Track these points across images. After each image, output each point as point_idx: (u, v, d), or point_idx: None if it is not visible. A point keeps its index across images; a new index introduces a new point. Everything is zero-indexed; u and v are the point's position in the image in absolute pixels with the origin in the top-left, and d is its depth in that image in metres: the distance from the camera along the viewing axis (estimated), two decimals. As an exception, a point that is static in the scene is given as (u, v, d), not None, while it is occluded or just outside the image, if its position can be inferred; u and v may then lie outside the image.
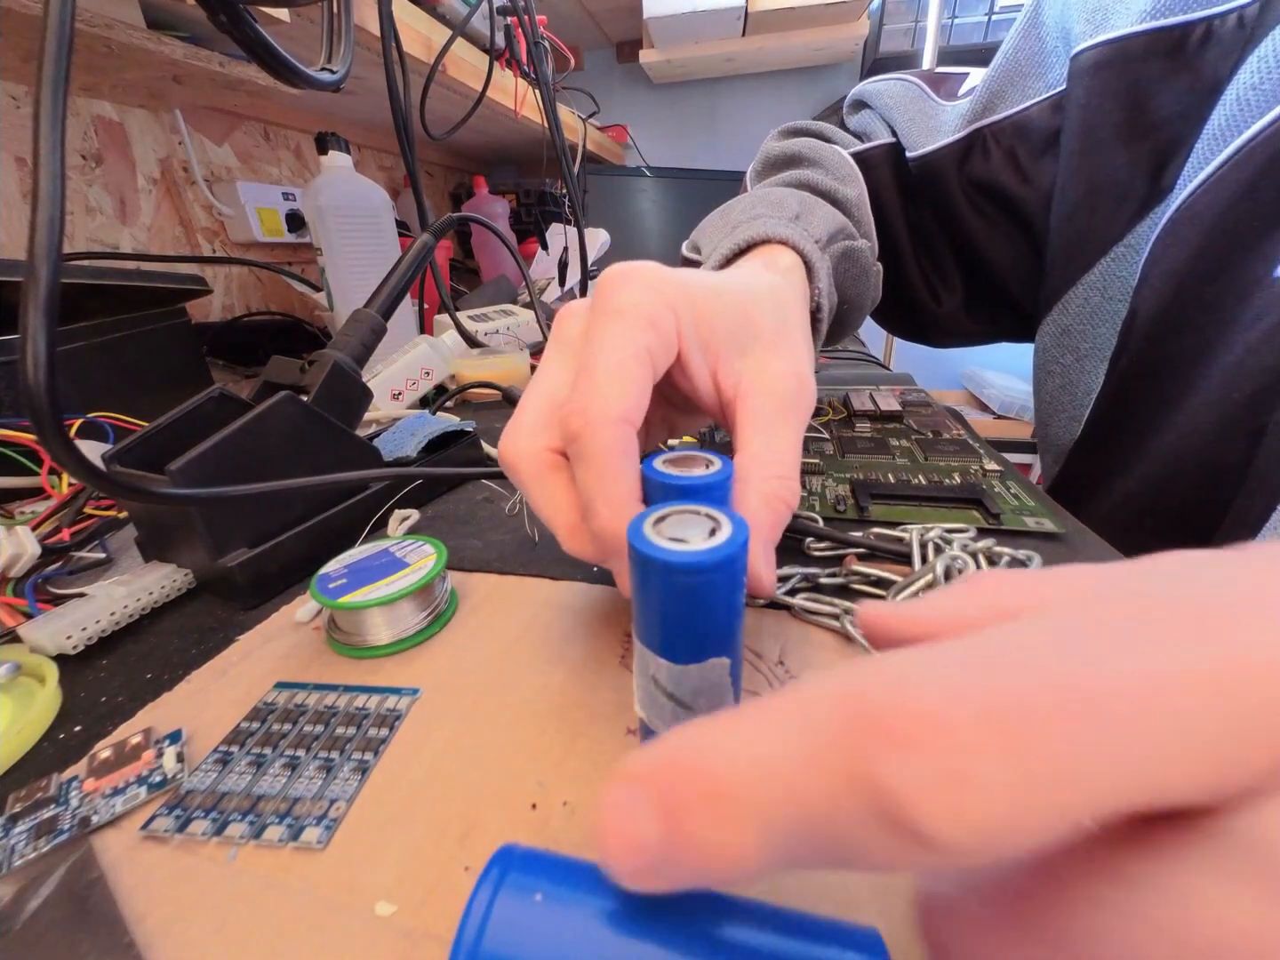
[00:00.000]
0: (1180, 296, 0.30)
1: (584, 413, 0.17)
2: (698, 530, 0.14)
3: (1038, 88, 0.36)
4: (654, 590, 0.13)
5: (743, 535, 0.13)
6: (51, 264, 0.16)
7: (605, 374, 0.17)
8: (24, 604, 0.23)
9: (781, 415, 0.20)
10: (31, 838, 0.15)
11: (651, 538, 0.13)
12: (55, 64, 0.16)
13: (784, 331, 0.22)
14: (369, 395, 0.32)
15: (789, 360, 0.21)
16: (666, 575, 0.13)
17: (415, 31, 0.60)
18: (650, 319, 0.18)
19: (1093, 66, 0.32)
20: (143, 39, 0.43)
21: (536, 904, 0.10)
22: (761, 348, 0.21)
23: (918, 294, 0.44)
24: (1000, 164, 0.37)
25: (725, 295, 0.21)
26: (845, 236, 0.33)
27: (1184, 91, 0.29)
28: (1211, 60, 0.28)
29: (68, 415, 0.32)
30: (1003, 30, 1.23)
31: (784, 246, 0.28)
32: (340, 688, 0.20)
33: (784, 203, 0.31)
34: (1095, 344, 0.36)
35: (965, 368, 1.75)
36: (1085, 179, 0.33)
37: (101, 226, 0.59)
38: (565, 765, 0.17)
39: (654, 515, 0.14)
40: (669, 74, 1.44)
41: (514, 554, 0.27)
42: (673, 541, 0.13)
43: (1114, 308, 0.34)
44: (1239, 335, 0.28)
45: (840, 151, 0.39)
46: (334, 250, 0.56)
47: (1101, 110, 0.32)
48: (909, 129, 0.40)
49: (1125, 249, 0.33)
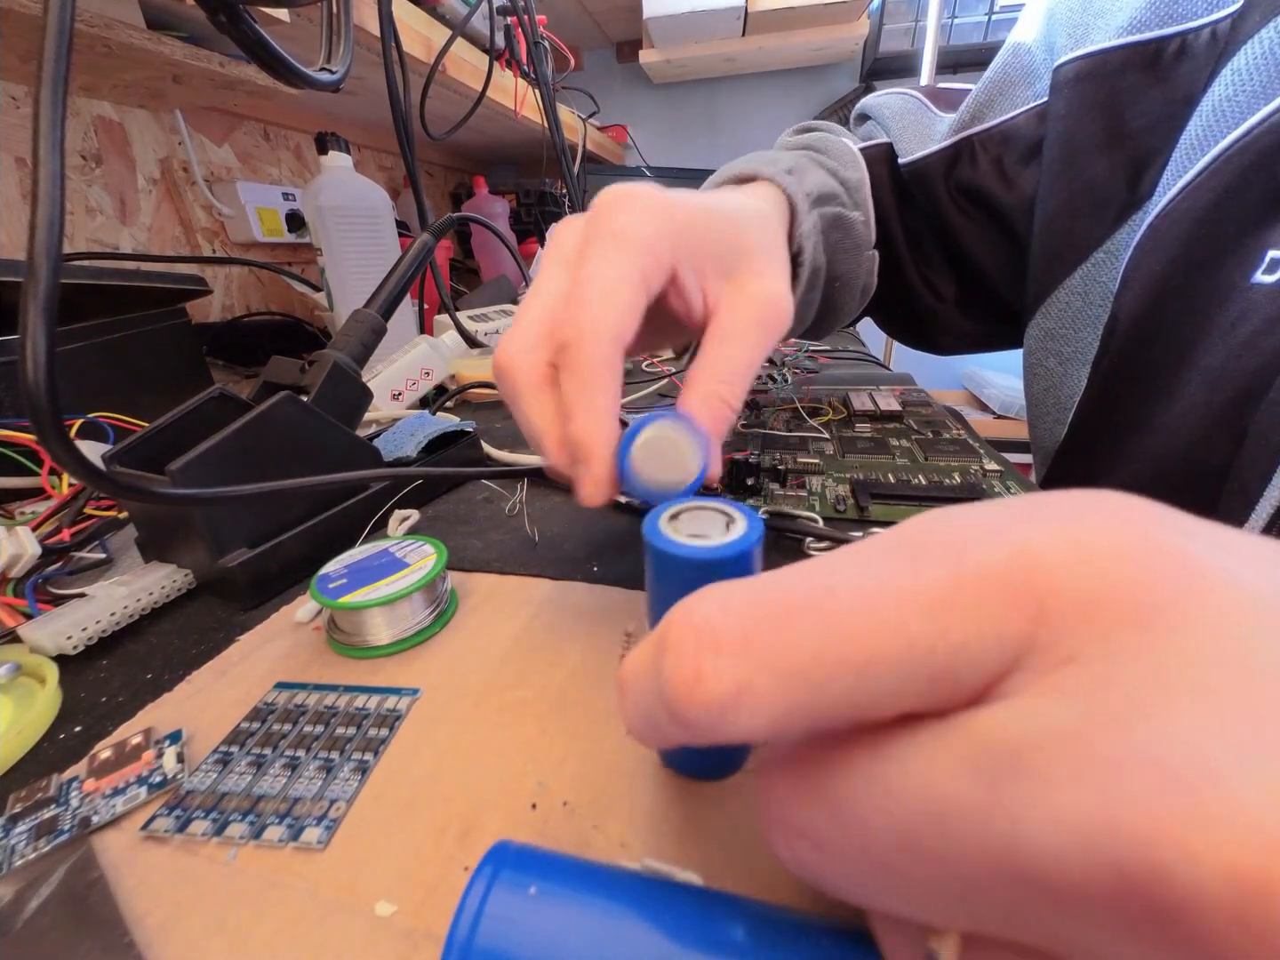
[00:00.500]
0: (1160, 301, 0.30)
1: (577, 325, 0.18)
2: (713, 525, 0.14)
3: (1025, 97, 0.37)
4: (677, 585, 0.13)
5: (759, 525, 0.14)
6: (51, 264, 0.16)
7: (600, 293, 0.18)
8: (24, 604, 0.23)
9: (745, 331, 0.21)
10: (32, 838, 0.15)
11: (671, 535, 0.14)
12: (55, 64, 0.16)
13: (765, 253, 0.23)
14: (369, 395, 0.32)
15: (768, 279, 0.22)
16: (694, 571, 0.13)
17: (415, 31, 0.60)
18: (647, 243, 0.19)
19: (1073, 78, 0.33)
20: (142, 39, 0.43)
21: (530, 899, 0.10)
22: (747, 270, 0.22)
23: (916, 291, 0.45)
24: (986, 171, 0.38)
25: (717, 216, 0.22)
26: (838, 203, 0.34)
27: (1160, 102, 0.30)
28: (1186, 73, 0.29)
29: (68, 415, 0.32)
30: (1003, 30, 1.23)
31: (771, 184, 0.30)
32: (340, 688, 0.20)
33: (779, 159, 0.33)
34: (1078, 348, 0.36)
35: (965, 368, 1.75)
36: (1065, 186, 0.34)
37: (101, 226, 0.59)
38: (565, 765, 0.17)
39: (667, 512, 0.15)
40: (669, 74, 1.44)
41: (514, 554, 0.27)
42: (693, 538, 0.13)
43: (1095, 312, 0.35)
44: (1219, 339, 0.28)
45: (848, 144, 0.40)
46: (334, 250, 0.56)
47: (1081, 120, 0.33)
48: (902, 136, 0.42)
49: (1105, 255, 0.34)
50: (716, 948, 0.09)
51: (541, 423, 0.19)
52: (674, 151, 1.58)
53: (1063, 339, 0.37)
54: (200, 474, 0.23)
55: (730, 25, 1.16)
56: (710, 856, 0.14)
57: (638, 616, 0.23)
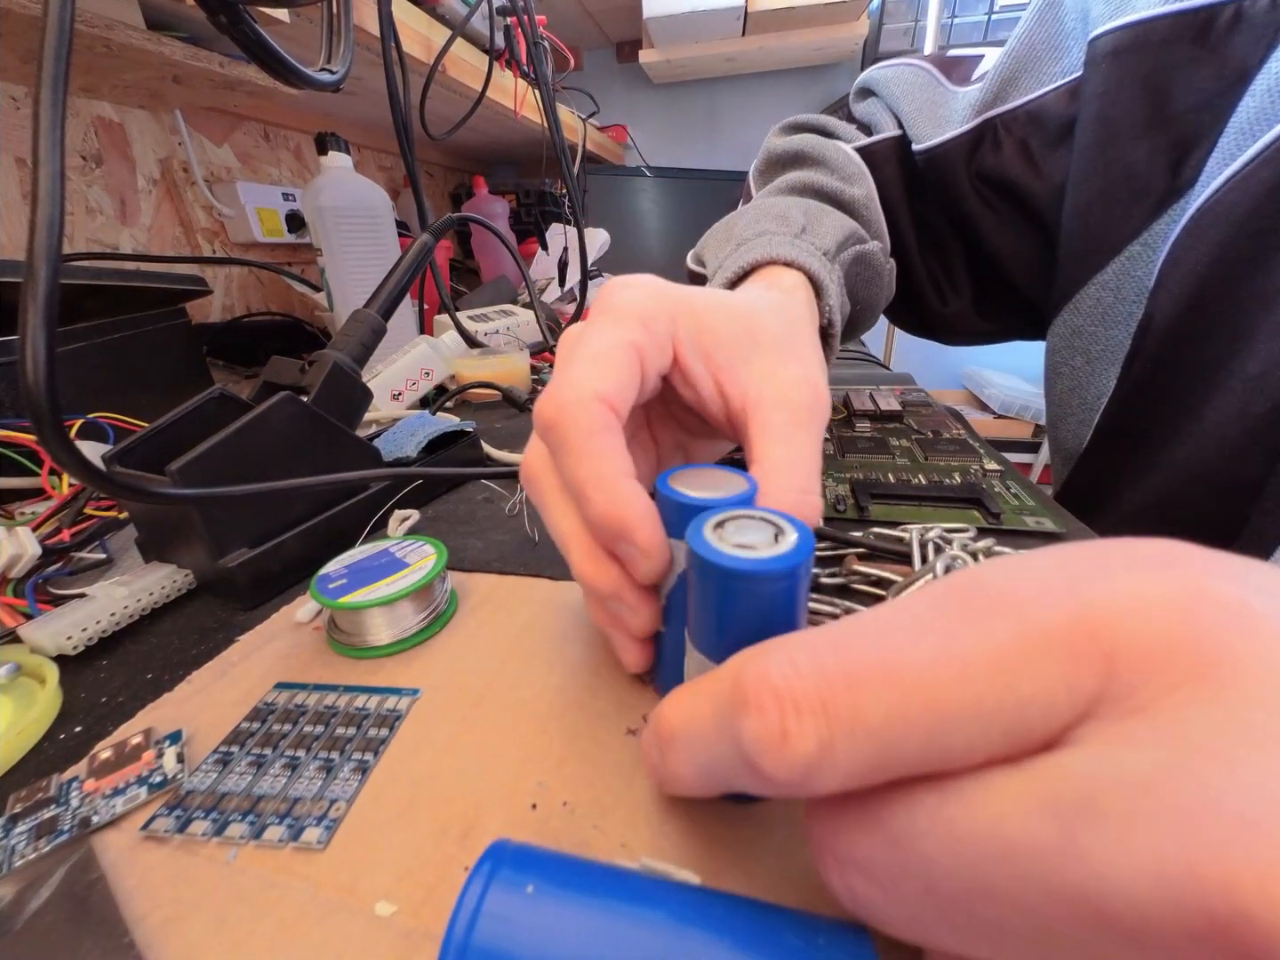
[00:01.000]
0: (1200, 301, 0.28)
1: (556, 397, 0.16)
2: (761, 535, 0.13)
3: (1054, 73, 0.34)
4: (725, 599, 0.13)
5: (811, 537, 0.13)
6: (51, 264, 0.16)
7: (583, 361, 0.17)
8: (24, 604, 0.23)
9: (797, 424, 0.18)
10: (32, 838, 0.15)
11: (718, 545, 0.13)
12: (55, 64, 0.16)
13: (792, 339, 0.21)
14: (369, 395, 0.32)
15: (800, 366, 0.20)
16: (744, 584, 0.12)
17: (415, 32, 0.60)
18: (643, 318, 0.18)
19: (1111, 52, 0.30)
20: (142, 39, 0.43)
21: (528, 897, 0.10)
22: (769, 355, 0.20)
23: (924, 294, 0.43)
24: (1011, 156, 0.35)
25: (728, 306, 0.20)
26: (855, 241, 0.32)
27: (1208, 80, 0.28)
28: (1239, 46, 0.26)
29: (68, 415, 0.32)
30: (1003, 30, 1.23)
31: (789, 268, 0.27)
32: (340, 688, 0.20)
33: (788, 216, 0.30)
34: (1107, 346, 0.34)
35: (965, 367, 1.75)
36: (1101, 172, 0.32)
37: (101, 227, 0.59)
38: (565, 765, 0.17)
39: (712, 521, 0.14)
40: (669, 74, 1.44)
41: (514, 554, 0.27)
42: (740, 548, 0.13)
43: (1128, 309, 0.33)
44: (1262, 345, 0.26)
45: (844, 148, 0.37)
46: (334, 250, 0.56)
47: (1120, 99, 0.30)
48: (915, 119, 0.38)
49: (1141, 247, 0.32)
50: (714, 946, 0.09)
51: (564, 525, 0.17)
52: (674, 151, 1.58)
53: (1091, 337, 0.35)
54: (200, 474, 0.23)
55: (730, 25, 1.16)
56: (709, 857, 0.14)
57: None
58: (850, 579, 0.24)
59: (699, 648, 0.14)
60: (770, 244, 0.27)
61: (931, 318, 0.45)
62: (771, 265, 0.27)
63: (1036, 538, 0.26)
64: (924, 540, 0.24)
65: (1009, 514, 0.28)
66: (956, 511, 0.28)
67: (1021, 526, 0.27)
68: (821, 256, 0.28)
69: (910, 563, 0.23)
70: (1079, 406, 0.38)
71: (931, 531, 0.24)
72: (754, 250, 0.27)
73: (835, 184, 0.34)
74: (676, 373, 0.19)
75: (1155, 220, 0.31)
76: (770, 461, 0.17)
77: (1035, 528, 0.27)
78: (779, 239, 0.28)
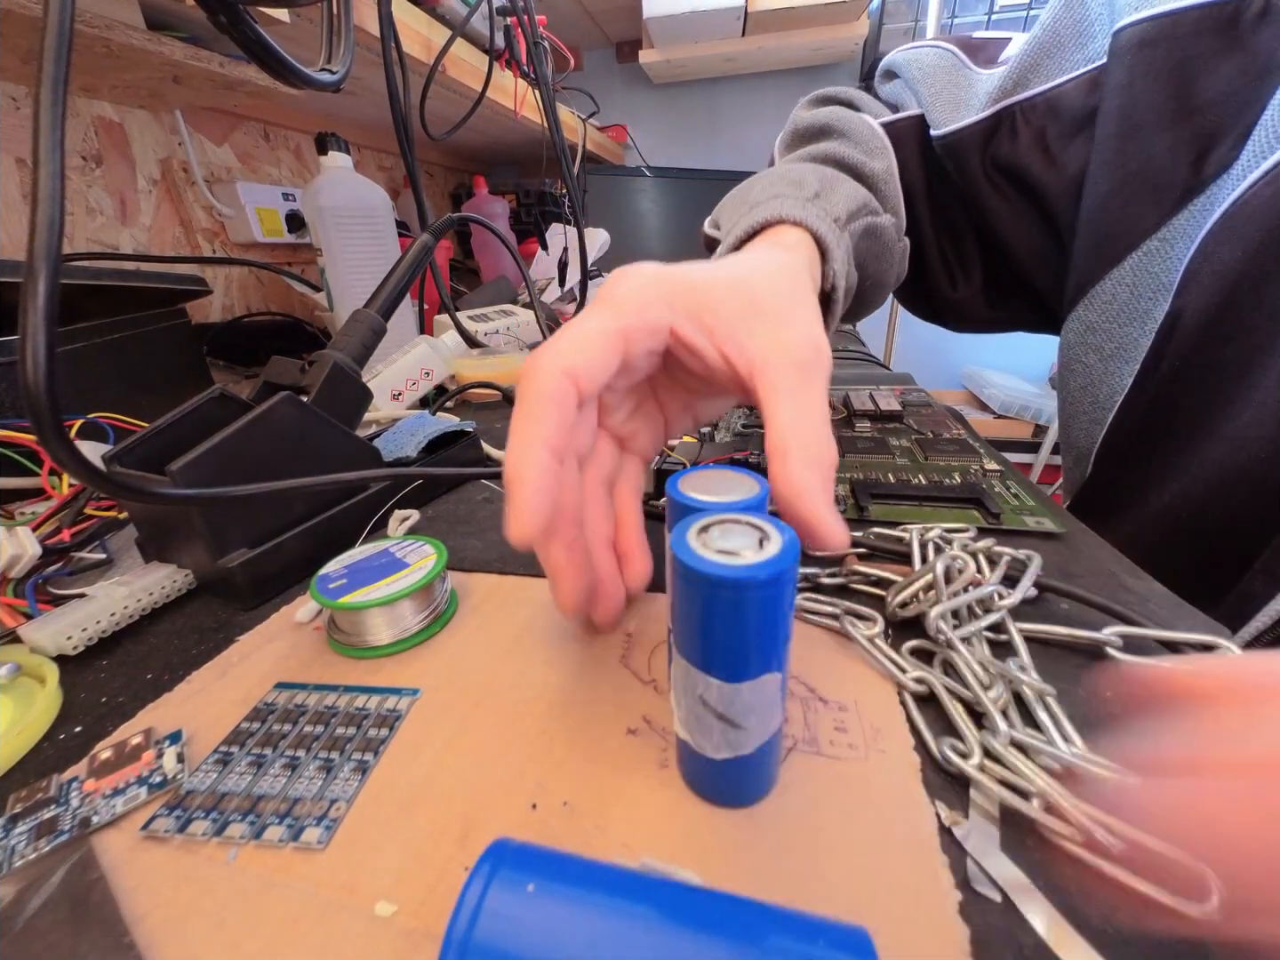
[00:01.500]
0: (1233, 299, 0.28)
1: (532, 361, 0.18)
2: (745, 540, 0.13)
3: (1076, 60, 0.33)
4: (707, 605, 0.12)
5: (796, 542, 0.13)
6: (51, 264, 0.16)
7: (565, 339, 0.18)
8: (24, 604, 0.23)
9: (803, 382, 0.19)
10: (32, 838, 0.15)
11: (700, 551, 0.12)
12: (55, 65, 0.16)
13: (793, 303, 0.22)
14: (369, 395, 0.32)
15: (801, 328, 0.21)
16: (725, 590, 0.12)
17: (415, 32, 0.60)
18: (637, 306, 0.19)
19: (1137, 44, 0.29)
20: (142, 40, 0.43)
21: (528, 896, 0.10)
22: (770, 321, 0.21)
23: (935, 278, 0.42)
24: (1027, 146, 0.35)
25: (727, 280, 0.21)
26: (868, 213, 0.32)
27: (1234, 73, 0.27)
28: (1268, 39, 0.26)
29: (68, 416, 0.32)
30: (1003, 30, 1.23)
31: (797, 227, 0.27)
32: (340, 688, 0.20)
33: (804, 181, 0.30)
34: (1122, 344, 0.34)
35: (965, 367, 1.74)
36: (1121, 166, 0.31)
37: (101, 227, 0.59)
38: (565, 765, 0.17)
39: (696, 525, 0.13)
40: (669, 74, 1.44)
41: (514, 554, 0.27)
42: (722, 554, 0.12)
43: (1144, 306, 0.32)
44: None
45: (870, 122, 0.37)
46: (334, 250, 0.56)
47: (1144, 93, 0.29)
48: (934, 104, 0.38)
49: (1159, 243, 0.31)
50: (714, 946, 0.09)
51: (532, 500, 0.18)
52: (674, 151, 1.58)
53: (1105, 334, 0.34)
54: (200, 474, 0.23)
55: (730, 25, 1.16)
56: (709, 857, 0.14)
57: (638, 617, 0.23)
58: (850, 579, 0.24)
59: (682, 653, 0.14)
60: (781, 205, 0.28)
61: (940, 303, 0.44)
62: (780, 224, 0.27)
63: (1036, 537, 0.26)
64: (924, 540, 0.24)
65: (1009, 514, 0.28)
66: (956, 511, 0.28)
67: (1021, 526, 0.27)
68: (831, 222, 0.28)
69: (910, 563, 0.23)
70: (1091, 404, 0.37)
71: (931, 531, 0.24)
72: (764, 210, 0.28)
73: (857, 156, 0.34)
74: (682, 349, 0.20)
75: (1175, 215, 0.30)
76: (782, 418, 0.19)
77: (1035, 528, 0.27)
78: (790, 200, 0.28)
